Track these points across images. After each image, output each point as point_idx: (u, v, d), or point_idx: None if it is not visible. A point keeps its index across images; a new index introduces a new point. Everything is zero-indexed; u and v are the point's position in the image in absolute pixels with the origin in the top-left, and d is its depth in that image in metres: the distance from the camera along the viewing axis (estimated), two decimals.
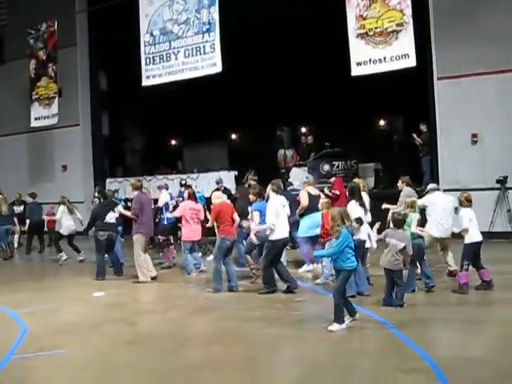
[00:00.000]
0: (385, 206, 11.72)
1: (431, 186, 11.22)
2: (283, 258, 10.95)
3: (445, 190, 14.07)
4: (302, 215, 11.65)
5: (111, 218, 12.75)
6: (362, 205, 9.87)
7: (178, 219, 13.16)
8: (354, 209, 9.53)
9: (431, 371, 5.80)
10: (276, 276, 10.19)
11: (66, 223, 15.25)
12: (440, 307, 8.64)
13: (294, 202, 11.95)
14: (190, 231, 12.31)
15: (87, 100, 23.71)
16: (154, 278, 11.93)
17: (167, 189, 14.70)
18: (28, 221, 17.59)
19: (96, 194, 13.92)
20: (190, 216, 12.37)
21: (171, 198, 14.36)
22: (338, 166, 18.35)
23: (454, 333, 7.34)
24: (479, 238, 9.41)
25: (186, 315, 8.91)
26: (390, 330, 7.44)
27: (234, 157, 23.78)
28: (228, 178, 18.70)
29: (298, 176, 17.72)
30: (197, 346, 7.23)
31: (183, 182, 16.39)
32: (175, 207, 13.81)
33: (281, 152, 20.29)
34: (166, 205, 14.05)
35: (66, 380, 6.14)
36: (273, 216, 9.90)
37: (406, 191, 11.72)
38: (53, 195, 20.19)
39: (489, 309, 8.78)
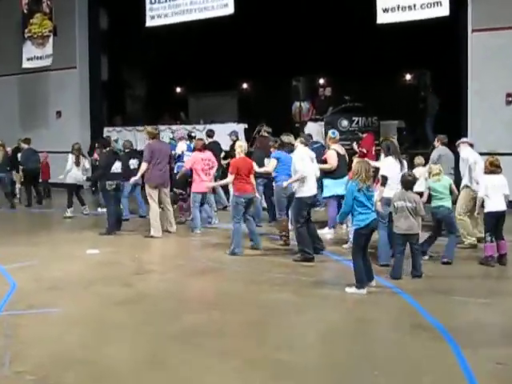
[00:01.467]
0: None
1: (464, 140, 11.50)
2: None
3: None
4: (326, 175, 11.63)
5: (117, 167, 13.07)
6: (401, 162, 9.64)
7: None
8: (388, 165, 9.41)
9: (441, 336, 5.95)
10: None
11: (74, 173, 15.35)
12: (461, 279, 8.74)
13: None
14: (200, 183, 12.58)
15: (85, 40, 23.52)
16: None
17: (187, 139, 15.40)
18: (22, 168, 17.79)
19: (97, 145, 14.19)
20: (202, 168, 12.67)
21: (189, 150, 14.62)
22: (357, 123, 18.26)
23: (470, 304, 7.43)
24: (498, 207, 9.33)
25: (187, 276, 9.06)
26: (404, 299, 7.56)
27: (244, 108, 23.74)
28: (237, 131, 18.64)
29: (314, 131, 17.77)
30: (197, 309, 7.36)
31: (193, 135, 16.63)
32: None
33: (296, 104, 20.17)
34: (181, 155, 14.47)
35: (57, 339, 6.27)
36: (302, 165, 9.89)
37: (440, 150, 11.99)
38: (46, 143, 20.40)
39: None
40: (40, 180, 18.60)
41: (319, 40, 19.96)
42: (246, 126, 19.67)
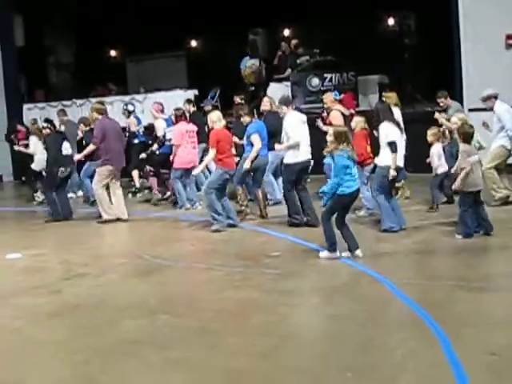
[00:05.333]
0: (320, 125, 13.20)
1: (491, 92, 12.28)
2: None
3: (470, 110, 14.34)
4: None
5: (66, 148, 13.71)
6: (398, 125, 10.64)
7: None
8: (387, 130, 10.42)
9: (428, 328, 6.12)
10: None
11: (41, 157, 15.48)
12: None
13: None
14: (186, 157, 13.66)
15: None
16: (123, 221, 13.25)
17: (162, 111, 15.95)
18: None
19: (44, 125, 14.40)
20: (186, 140, 13.75)
21: (169, 124, 15.14)
22: (330, 80, 18.44)
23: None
24: None
25: (127, 278, 9.17)
26: (384, 286, 7.75)
27: (193, 71, 23.74)
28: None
29: (278, 94, 17.82)
30: (137, 316, 7.41)
31: (130, 108, 16.71)
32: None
33: (248, 63, 20.07)
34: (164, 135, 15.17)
35: None
36: (295, 132, 11.08)
37: (454, 105, 13.29)
38: None
39: None
40: None
41: None
42: (197, 93, 19.74)
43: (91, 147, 13.26)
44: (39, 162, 15.65)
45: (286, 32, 22.13)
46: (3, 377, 5.88)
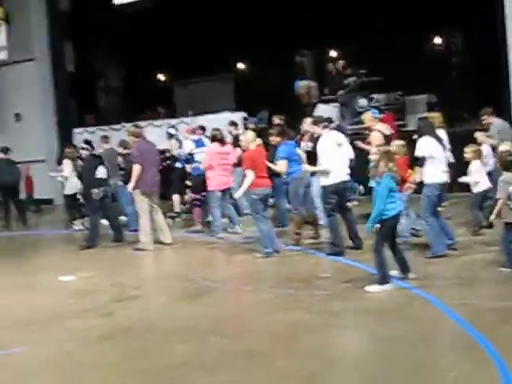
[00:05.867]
0: (361, 145, 12.91)
1: None
2: None
3: None
4: None
5: (102, 173, 13.69)
6: (440, 140, 10.38)
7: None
8: (424, 144, 10.18)
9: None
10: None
11: (74, 180, 15.78)
12: None
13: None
14: (218, 178, 13.34)
15: (44, 25, 23.77)
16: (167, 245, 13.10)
17: (194, 132, 15.76)
18: None
19: (84, 146, 14.59)
20: (217, 163, 13.40)
21: (198, 146, 14.99)
22: (377, 100, 18.38)
23: None
24: None
25: (177, 300, 9.20)
26: (439, 310, 7.68)
27: (241, 93, 23.87)
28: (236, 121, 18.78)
29: (326, 115, 17.86)
30: (188, 339, 7.46)
31: (172, 132, 16.81)
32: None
33: (302, 83, 20.23)
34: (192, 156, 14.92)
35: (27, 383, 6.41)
36: (326, 157, 10.82)
37: (497, 123, 12.80)
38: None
39: None
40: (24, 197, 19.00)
41: (325, 4, 19.99)
42: (245, 115, 19.82)
43: (136, 168, 12.80)
44: (72, 186, 15.72)
45: (333, 53, 22.17)
46: None
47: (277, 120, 15.26)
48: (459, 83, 18.73)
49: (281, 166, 11.91)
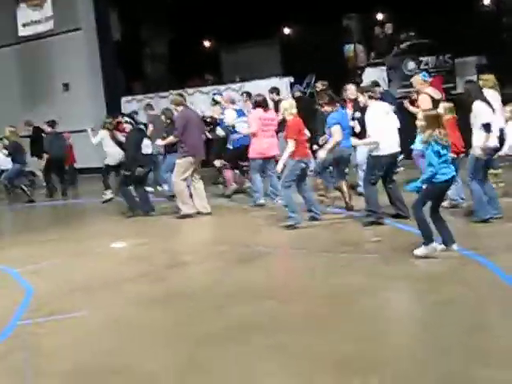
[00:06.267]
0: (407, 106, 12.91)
1: None
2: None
3: None
4: None
5: (147, 145, 13.76)
6: (490, 105, 9.97)
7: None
8: (480, 110, 9.86)
9: None
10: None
11: (112, 150, 15.79)
12: None
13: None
14: (260, 145, 13.16)
15: None
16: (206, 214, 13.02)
17: (233, 102, 15.56)
18: (45, 156, 18.38)
19: (126, 119, 14.55)
20: (261, 128, 13.20)
21: (240, 115, 14.97)
22: (426, 63, 18.17)
23: None
24: None
25: (230, 265, 9.27)
26: (494, 274, 7.64)
27: (287, 58, 23.77)
28: (281, 86, 18.72)
29: (373, 79, 17.71)
30: (242, 302, 7.53)
31: (217, 98, 16.69)
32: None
33: (349, 47, 20.11)
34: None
35: (85, 347, 6.54)
36: (375, 128, 10.41)
37: None
38: None
39: None
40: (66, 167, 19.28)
41: None
42: (292, 80, 19.75)
43: (171, 138, 13.19)
44: (113, 156, 15.60)
45: (379, 16, 21.93)
46: (111, 362, 6.08)
47: (319, 86, 15.04)
48: (511, 45, 18.36)
49: (335, 132, 11.75)
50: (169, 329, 6.89)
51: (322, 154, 11.82)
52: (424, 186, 8.38)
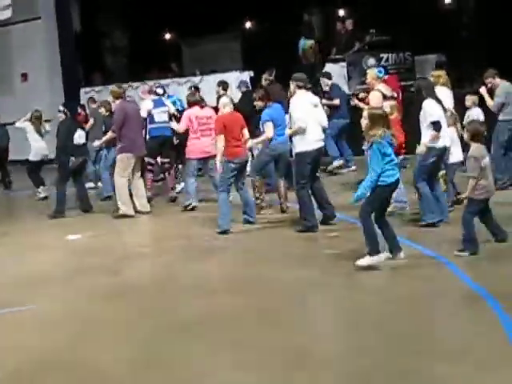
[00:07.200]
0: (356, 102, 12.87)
1: None
2: None
3: None
4: None
5: (81, 136, 13.31)
6: (440, 103, 9.77)
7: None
8: (432, 109, 9.60)
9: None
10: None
11: (36, 145, 15.45)
12: None
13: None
14: (196, 145, 12.42)
15: None
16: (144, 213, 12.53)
17: (158, 94, 14.59)
18: None
19: (61, 108, 14.14)
20: (199, 128, 12.44)
21: (159, 105, 14.18)
22: (387, 60, 18.24)
23: None
24: None
25: (184, 259, 9.26)
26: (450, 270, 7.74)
27: (249, 52, 23.69)
28: (246, 80, 18.67)
29: (335, 75, 17.80)
30: (198, 296, 7.53)
31: (158, 91, 16.08)
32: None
33: (305, 43, 20.02)
34: (149, 116, 13.96)
35: (36, 341, 6.49)
36: (301, 116, 9.97)
37: (502, 84, 12.34)
38: (11, 113, 20.47)
39: None
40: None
41: None
42: (252, 74, 19.73)
43: (110, 134, 12.64)
44: (35, 151, 15.30)
45: (341, 12, 21.98)
46: (64, 357, 6.04)
47: (264, 78, 14.86)
48: (470, 43, 18.53)
49: (267, 129, 11.06)
50: (122, 323, 6.85)
51: (249, 143, 11.12)
52: (368, 193, 7.98)
